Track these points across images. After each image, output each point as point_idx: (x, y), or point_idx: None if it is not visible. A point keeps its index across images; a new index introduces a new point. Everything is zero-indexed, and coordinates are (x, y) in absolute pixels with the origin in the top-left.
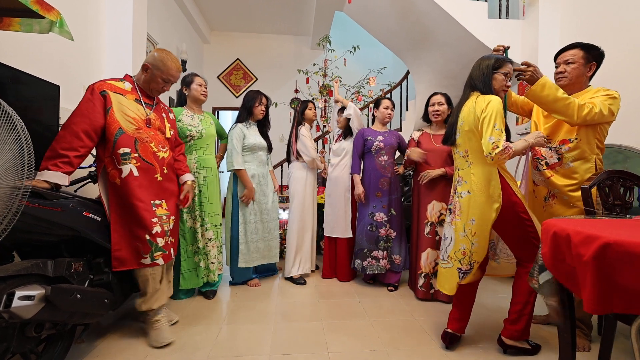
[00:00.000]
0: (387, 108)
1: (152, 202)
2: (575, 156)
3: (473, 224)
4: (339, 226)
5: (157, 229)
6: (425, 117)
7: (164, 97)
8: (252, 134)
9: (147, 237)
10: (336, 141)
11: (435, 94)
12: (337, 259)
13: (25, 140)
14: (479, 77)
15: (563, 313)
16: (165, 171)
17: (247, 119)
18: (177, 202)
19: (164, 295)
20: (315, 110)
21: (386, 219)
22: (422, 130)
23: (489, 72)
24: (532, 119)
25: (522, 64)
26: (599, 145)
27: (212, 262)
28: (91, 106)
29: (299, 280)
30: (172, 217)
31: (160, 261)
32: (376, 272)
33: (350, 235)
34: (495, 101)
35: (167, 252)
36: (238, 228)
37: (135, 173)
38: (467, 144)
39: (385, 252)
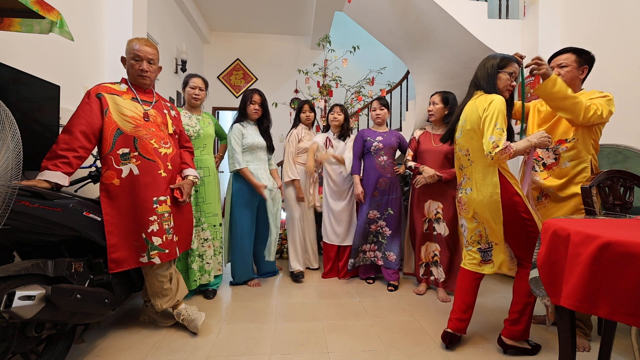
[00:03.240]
0: (374, 110)
1: (154, 199)
2: (572, 156)
3: (478, 217)
4: (349, 235)
5: (153, 227)
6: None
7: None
8: (251, 134)
9: (144, 235)
10: (326, 148)
11: (434, 93)
12: (344, 260)
13: (13, 137)
14: (483, 76)
15: (560, 312)
16: (170, 167)
17: (242, 119)
18: (174, 196)
19: (176, 294)
20: (309, 112)
21: (379, 215)
22: (425, 128)
23: (493, 72)
24: (527, 124)
25: (534, 59)
26: (594, 146)
27: (207, 263)
28: (88, 109)
29: (298, 275)
30: (172, 215)
31: (157, 260)
32: (362, 264)
33: None
34: (497, 100)
35: (166, 251)
36: (237, 228)
37: (136, 172)
38: (468, 143)
39: (372, 245)
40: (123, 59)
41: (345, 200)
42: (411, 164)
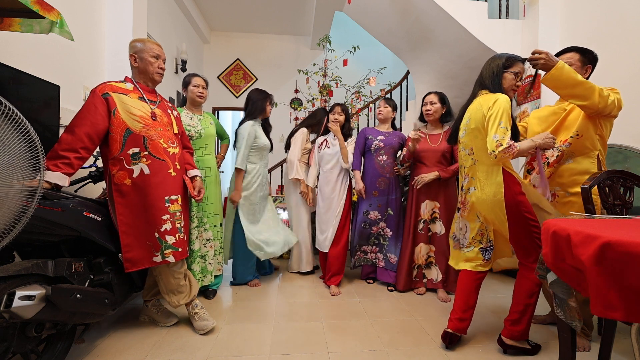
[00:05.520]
0: (378, 107)
1: (166, 198)
2: (575, 151)
3: (481, 216)
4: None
5: (166, 226)
6: (422, 117)
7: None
8: (262, 135)
9: (157, 234)
10: (320, 148)
11: (429, 93)
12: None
13: (38, 140)
14: (488, 76)
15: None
16: (178, 166)
17: (258, 117)
18: (188, 197)
19: (191, 291)
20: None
21: (380, 217)
22: (419, 129)
23: (499, 71)
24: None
25: (532, 53)
26: (601, 141)
27: (209, 263)
28: (93, 109)
29: (306, 274)
30: (182, 214)
31: (171, 258)
32: (362, 264)
33: (327, 250)
34: (502, 99)
35: (179, 250)
36: (242, 228)
37: (147, 171)
38: (472, 142)
39: (374, 247)
40: (133, 57)
41: (330, 210)
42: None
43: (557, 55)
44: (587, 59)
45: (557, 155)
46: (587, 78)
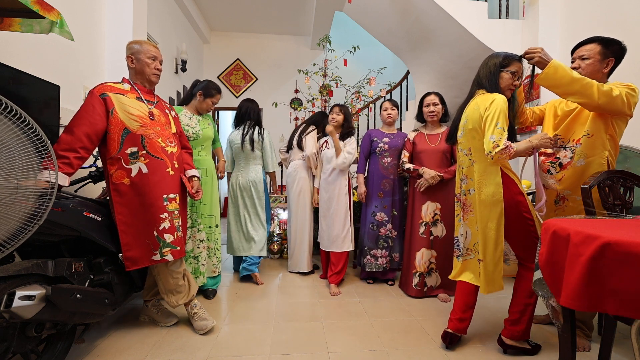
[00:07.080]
0: (385, 110)
1: (164, 196)
2: (586, 152)
3: (478, 221)
4: (335, 242)
5: (165, 224)
6: (419, 117)
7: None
8: None
9: (155, 233)
10: (321, 149)
11: (428, 93)
12: (332, 265)
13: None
14: (485, 75)
15: (563, 313)
16: (176, 165)
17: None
18: (186, 196)
19: (190, 290)
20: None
21: (387, 218)
22: (418, 130)
23: (496, 71)
24: (542, 126)
25: (525, 52)
26: (612, 142)
27: (202, 264)
28: (91, 109)
29: (308, 274)
30: (180, 213)
31: (170, 257)
32: (374, 270)
33: (352, 248)
34: (499, 100)
35: (177, 248)
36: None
37: (145, 170)
38: (470, 142)
39: (384, 250)
40: (130, 59)
41: (331, 210)
42: (409, 165)
43: (579, 45)
44: (610, 51)
45: (571, 157)
46: (609, 72)
